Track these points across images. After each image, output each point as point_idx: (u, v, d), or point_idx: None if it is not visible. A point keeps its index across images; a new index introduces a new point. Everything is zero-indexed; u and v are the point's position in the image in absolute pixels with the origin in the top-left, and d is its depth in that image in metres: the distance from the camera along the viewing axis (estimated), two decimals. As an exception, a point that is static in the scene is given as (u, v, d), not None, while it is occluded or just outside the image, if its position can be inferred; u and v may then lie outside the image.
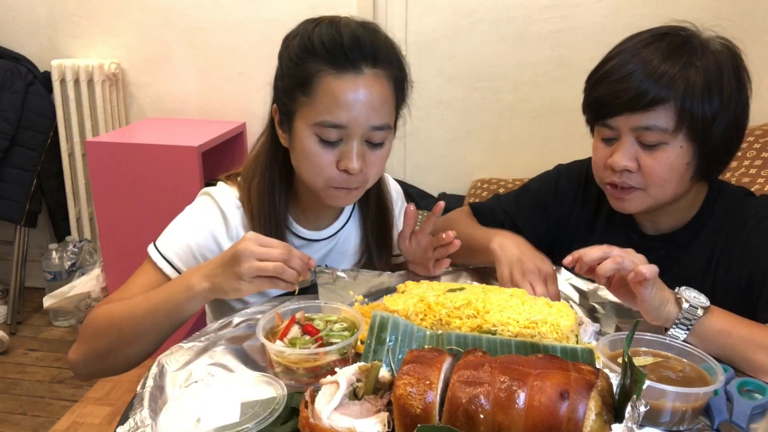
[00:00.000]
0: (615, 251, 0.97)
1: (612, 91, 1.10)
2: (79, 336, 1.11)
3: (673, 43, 1.09)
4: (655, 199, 1.14)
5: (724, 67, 1.08)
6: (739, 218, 1.16)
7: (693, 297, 0.98)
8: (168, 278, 1.12)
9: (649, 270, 0.93)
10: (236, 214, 1.19)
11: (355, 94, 1.05)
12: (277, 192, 1.20)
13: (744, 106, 1.11)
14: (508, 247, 1.19)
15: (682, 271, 1.16)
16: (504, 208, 1.37)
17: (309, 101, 1.08)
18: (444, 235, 1.16)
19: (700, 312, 0.96)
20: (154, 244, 1.16)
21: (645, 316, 1.00)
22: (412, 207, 1.21)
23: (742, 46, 1.13)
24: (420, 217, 1.21)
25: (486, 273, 1.29)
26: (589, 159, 1.34)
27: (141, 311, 1.04)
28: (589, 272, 1.00)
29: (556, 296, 1.13)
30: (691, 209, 1.21)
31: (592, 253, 0.98)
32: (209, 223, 1.17)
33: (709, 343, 0.96)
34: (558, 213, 1.34)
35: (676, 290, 0.99)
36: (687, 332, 0.97)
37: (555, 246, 1.31)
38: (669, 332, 0.98)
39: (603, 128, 1.14)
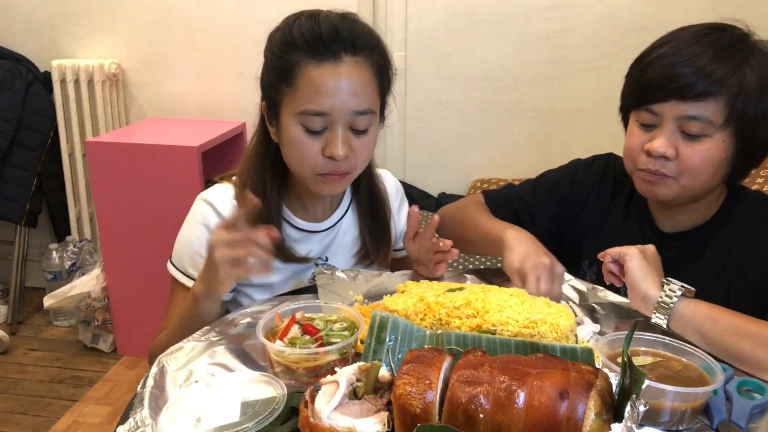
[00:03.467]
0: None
1: (664, 76, 1.08)
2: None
3: (730, 38, 1.08)
4: (685, 189, 1.12)
5: None
6: (755, 222, 1.15)
7: (676, 282, 0.98)
8: None
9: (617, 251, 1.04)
10: (229, 210, 1.19)
11: (336, 81, 1.07)
12: (268, 187, 1.21)
13: None
14: (522, 239, 1.17)
15: (697, 272, 1.15)
16: (520, 196, 1.36)
17: (292, 92, 1.10)
18: (441, 243, 1.17)
19: (678, 292, 0.96)
20: (171, 261, 1.19)
21: (630, 296, 1.02)
22: (416, 209, 1.22)
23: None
24: (421, 218, 1.22)
25: (486, 273, 1.29)
26: (608, 154, 1.34)
27: (177, 330, 1.09)
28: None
29: (559, 298, 1.12)
30: (709, 210, 1.20)
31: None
32: (205, 224, 1.19)
33: (693, 330, 0.96)
34: (572, 204, 1.33)
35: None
36: (666, 317, 0.96)
37: (564, 239, 1.30)
38: (652, 320, 0.98)
39: (644, 113, 1.12)
